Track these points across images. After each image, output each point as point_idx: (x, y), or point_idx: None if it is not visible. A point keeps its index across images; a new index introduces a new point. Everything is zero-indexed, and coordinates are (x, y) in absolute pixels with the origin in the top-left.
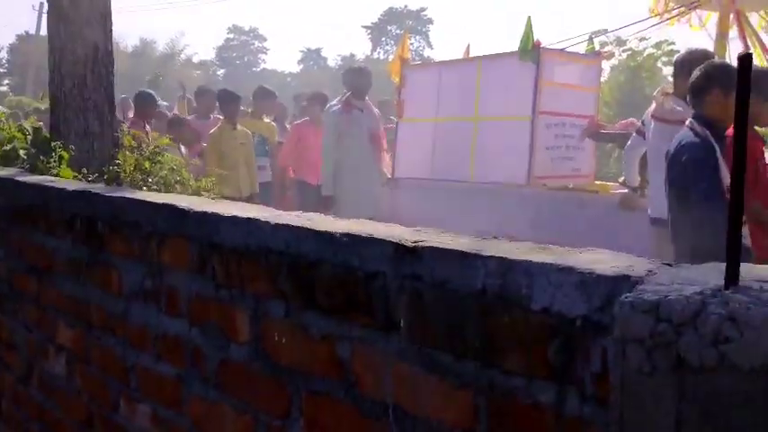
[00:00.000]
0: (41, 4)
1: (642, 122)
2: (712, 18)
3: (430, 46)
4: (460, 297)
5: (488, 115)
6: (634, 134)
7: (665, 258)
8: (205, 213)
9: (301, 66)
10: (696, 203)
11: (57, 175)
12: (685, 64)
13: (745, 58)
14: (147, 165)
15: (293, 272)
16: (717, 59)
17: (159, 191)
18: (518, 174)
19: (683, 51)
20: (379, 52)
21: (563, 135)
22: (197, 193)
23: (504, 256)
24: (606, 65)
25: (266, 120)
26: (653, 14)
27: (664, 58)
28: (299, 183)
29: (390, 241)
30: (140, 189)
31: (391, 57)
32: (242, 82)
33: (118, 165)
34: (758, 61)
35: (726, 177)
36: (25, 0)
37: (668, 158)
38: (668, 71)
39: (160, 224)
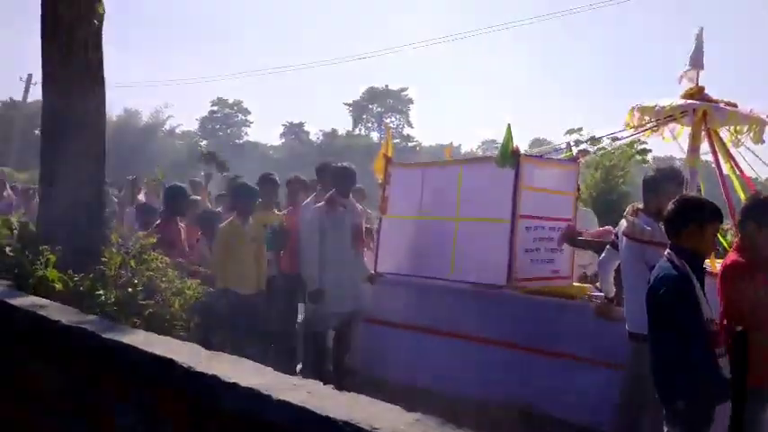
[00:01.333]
0: (29, 75)
1: (616, 235)
2: (684, 131)
3: (410, 125)
4: None
5: (469, 216)
6: (608, 246)
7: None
8: (204, 375)
9: (283, 139)
10: (673, 339)
11: (43, 277)
12: (653, 182)
13: (739, 336)
14: (132, 263)
15: None
16: (690, 195)
17: (146, 294)
18: (498, 275)
19: (650, 171)
20: (360, 128)
21: (542, 238)
22: (181, 293)
23: None
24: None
25: (276, 211)
26: (628, 127)
27: (637, 157)
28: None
29: None
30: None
31: (373, 134)
32: (225, 153)
33: (104, 263)
34: (729, 173)
35: (705, 308)
36: (10, 70)
37: (648, 290)
38: (640, 171)
39: (160, 378)
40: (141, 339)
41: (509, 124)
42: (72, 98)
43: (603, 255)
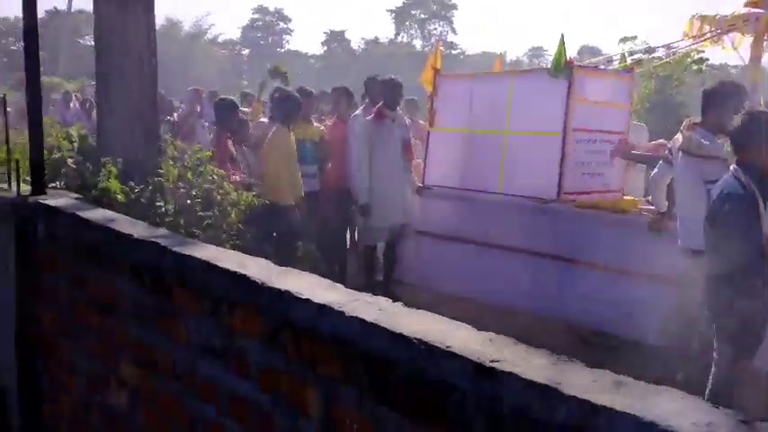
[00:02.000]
0: None
1: (670, 151)
2: (745, 41)
3: (454, 32)
4: (541, 426)
5: (519, 129)
6: (661, 162)
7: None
8: (279, 291)
9: (325, 48)
10: (735, 261)
11: (105, 189)
12: (715, 96)
13: None
14: (189, 176)
15: (367, 365)
16: (757, 109)
17: (204, 207)
18: (548, 188)
19: (711, 83)
20: (402, 36)
21: (594, 151)
22: (236, 204)
23: (586, 398)
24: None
25: (315, 124)
26: (686, 37)
27: (693, 67)
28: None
29: (469, 359)
30: (191, 209)
31: (416, 42)
32: (267, 62)
33: (161, 175)
34: None
35: (766, 226)
36: None
37: (711, 204)
38: (695, 81)
39: (233, 293)
40: (212, 254)
41: (562, 34)
42: (124, 12)
43: (656, 170)
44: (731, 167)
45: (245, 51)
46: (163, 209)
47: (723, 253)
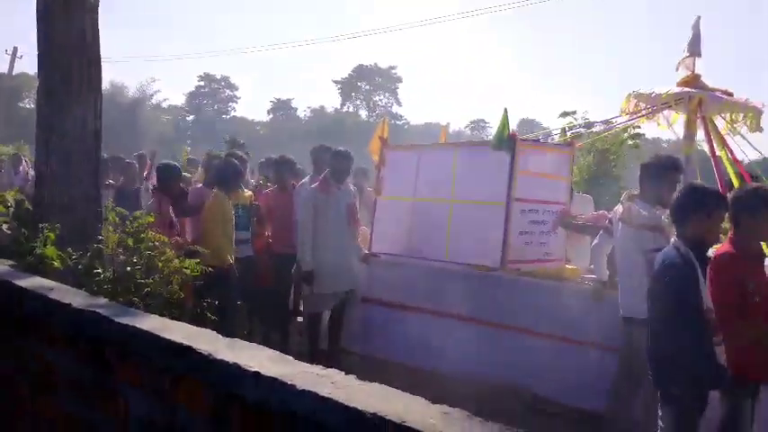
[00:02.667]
0: (15, 48)
1: (610, 221)
2: (679, 118)
3: (398, 103)
4: None
5: (464, 199)
6: (602, 232)
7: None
8: (225, 363)
9: (271, 115)
10: (677, 328)
11: (42, 255)
12: (651, 169)
13: None
14: (130, 242)
15: None
16: (694, 184)
17: (144, 274)
18: (492, 257)
19: (650, 157)
20: (348, 106)
21: (536, 221)
22: (179, 271)
23: None
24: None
25: (244, 190)
26: (623, 114)
27: (629, 142)
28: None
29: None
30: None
31: (362, 112)
32: (212, 129)
33: (101, 242)
34: (726, 163)
35: (706, 298)
36: None
37: (653, 274)
38: (632, 155)
39: (177, 366)
40: (158, 325)
41: (505, 108)
42: (68, 75)
43: (597, 240)
44: (672, 240)
45: (190, 117)
46: (101, 276)
47: (665, 321)
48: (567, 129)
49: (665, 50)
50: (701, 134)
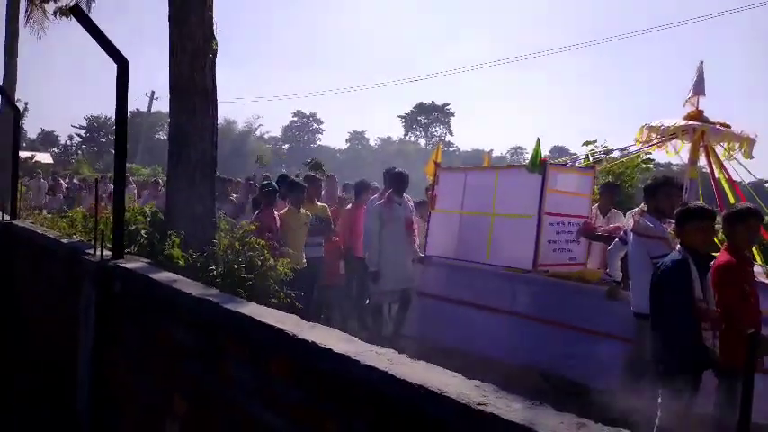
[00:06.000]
0: (152, 92)
1: (624, 232)
2: (685, 147)
3: (451, 133)
4: None
5: (503, 212)
6: (617, 240)
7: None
8: (306, 342)
9: (348, 144)
10: (667, 315)
11: (170, 255)
12: (650, 188)
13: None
14: (237, 245)
15: (376, 404)
16: (692, 202)
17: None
18: (525, 261)
19: (650, 180)
20: (410, 136)
21: (562, 231)
22: (273, 268)
23: None
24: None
25: (319, 203)
26: (637, 143)
27: (642, 165)
28: (350, 255)
29: (460, 402)
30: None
31: (421, 141)
32: (302, 155)
33: (214, 245)
34: (724, 185)
35: (697, 289)
36: (135, 87)
37: (654, 273)
38: (644, 177)
39: (270, 342)
40: (256, 311)
41: (538, 138)
42: (192, 115)
43: (612, 246)
44: (678, 247)
45: (285, 146)
46: (214, 272)
47: (663, 308)
48: (589, 155)
49: (675, 82)
50: (703, 160)
